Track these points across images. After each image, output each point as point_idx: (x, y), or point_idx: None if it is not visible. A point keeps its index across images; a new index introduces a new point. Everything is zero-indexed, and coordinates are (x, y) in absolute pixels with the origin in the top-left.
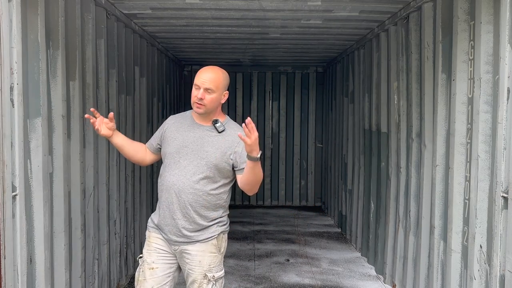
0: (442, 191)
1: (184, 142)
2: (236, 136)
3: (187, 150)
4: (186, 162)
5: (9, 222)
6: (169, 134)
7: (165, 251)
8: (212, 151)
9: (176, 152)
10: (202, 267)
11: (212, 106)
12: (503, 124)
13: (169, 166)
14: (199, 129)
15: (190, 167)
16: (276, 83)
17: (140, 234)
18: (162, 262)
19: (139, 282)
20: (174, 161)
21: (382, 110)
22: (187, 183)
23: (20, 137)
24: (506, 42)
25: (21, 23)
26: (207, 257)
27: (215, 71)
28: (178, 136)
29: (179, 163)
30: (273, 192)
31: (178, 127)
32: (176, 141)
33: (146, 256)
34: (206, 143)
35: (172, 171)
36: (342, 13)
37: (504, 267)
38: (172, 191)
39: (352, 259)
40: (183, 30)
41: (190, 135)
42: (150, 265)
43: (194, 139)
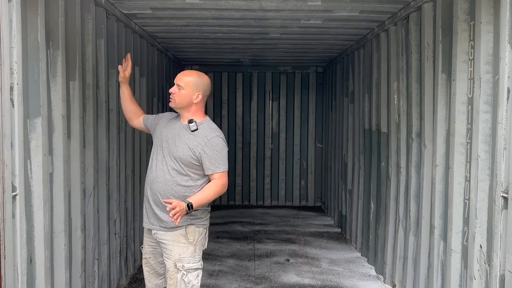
0: (442, 191)
1: (165, 137)
2: (204, 137)
3: (164, 144)
4: (162, 156)
5: (9, 222)
6: (159, 128)
7: (151, 241)
8: (182, 147)
9: (158, 145)
10: (173, 256)
11: (181, 101)
12: (503, 124)
13: (152, 158)
14: (178, 127)
15: (164, 159)
16: (276, 83)
17: (140, 234)
18: (152, 253)
19: (144, 267)
20: (156, 153)
21: (382, 110)
22: (159, 174)
23: (20, 137)
24: (506, 42)
25: (21, 23)
26: (177, 247)
27: (190, 73)
28: (163, 131)
29: (158, 156)
30: (273, 192)
31: (165, 123)
32: (161, 135)
33: (144, 243)
34: (179, 140)
35: (151, 163)
36: (342, 13)
37: (504, 267)
38: (148, 182)
39: (352, 259)
40: (183, 30)
41: (170, 131)
42: (144, 256)
43: (172, 135)
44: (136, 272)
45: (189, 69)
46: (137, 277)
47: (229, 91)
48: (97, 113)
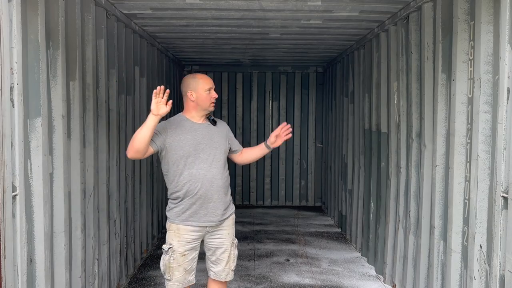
0: (442, 191)
1: (196, 140)
2: (223, 125)
3: (202, 146)
4: (206, 155)
5: (9, 222)
6: (177, 137)
7: (195, 239)
8: (220, 141)
9: (193, 150)
10: (230, 237)
11: None
12: (503, 124)
13: (192, 162)
14: (201, 126)
15: (210, 158)
16: (276, 83)
17: (140, 234)
18: (191, 250)
19: (172, 268)
20: (194, 157)
21: (382, 110)
22: (215, 171)
23: (20, 137)
24: (506, 42)
25: (21, 23)
26: (231, 229)
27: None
28: (188, 137)
29: (200, 158)
30: (273, 192)
31: (182, 130)
32: (188, 141)
33: (178, 247)
34: (214, 136)
35: (197, 165)
36: (342, 13)
37: (504, 267)
38: (205, 181)
39: (352, 259)
40: (183, 30)
41: (198, 133)
42: (182, 253)
43: (202, 135)
44: (136, 272)
45: (189, 69)
46: (137, 277)
47: (229, 91)
48: (97, 113)
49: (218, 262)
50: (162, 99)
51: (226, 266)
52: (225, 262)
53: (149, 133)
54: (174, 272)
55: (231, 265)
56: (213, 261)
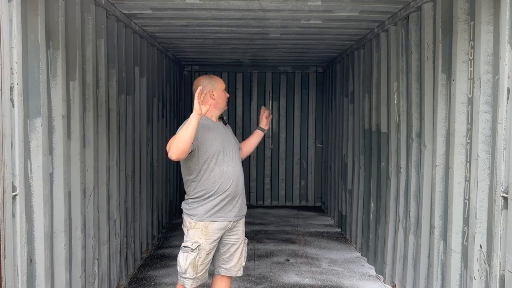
0: (442, 191)
1: (222, 138)
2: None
3: (226, 144)
4: (231, 153)
5: (9, 222)
6: (207, 135)
7: (219, 237)
8: (235, 139)
9: (222, 148)
10: (243, 234)
11: None
12: (503, 124)
13: (222, 160)
14: (219, 126)
15: (234, 156)
16: (276, 83)
17: (140, 234)
18: (214, 248)
19: (198, 266)
20: (223, 155)
21: (382, 110)
22: (240, 168)
23: (20, 137)
24: (506, 42)
25: (21, 23)
26: (244, 226)
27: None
28: (215, 136)
29: (228, 155)
30: (273, 192)
31: (208, 129)
32: (217, 139)
33: (205, 245)
34: (230, 135)
35: (226, 162)
36: (342, 13)
37: (504, 267)
38: (234, 178)
39: (352, 259)
40: (183, 30)
41: (221, 131)
42: (208, 251)
43: (223, 135)
44: (136, 272)
45: (189, 69)
46: (137, 277)
47: (229, 91)
48: (97, 113)
49: (231, 259)
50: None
51: (238, 262)
52: (237, 258)
53: (194, 132)
54: (198, 269)
55: (242, 261)
56: (225, 258)
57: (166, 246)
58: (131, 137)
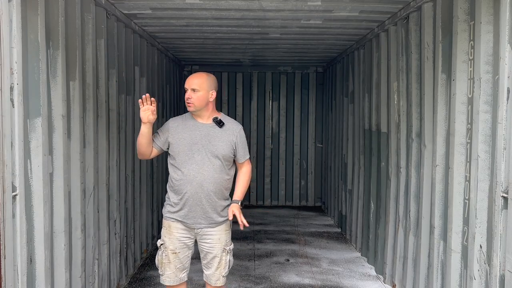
0: (442, 191)
1: (193, 139)
2: (234, 128)
3: (198, 147)
4: (200, 157)
5: (9, 222)
6: (176, 135)
7: (186, 237)
8: (221, 144)
9: (188, 150)
10: (222, 243)
11: (199, 103)
12: (503, 124)
13: (185, 161)
14: (203, 127)
15: (205, 160)
16: (276, 83)
17: (140, 234)
18: (182, 248)
19: (164, 264)
20: (188, 157)
21: (382, 110)
22: (207, 175)
23: (20, 137)
24: (506, 42)
25: (21, 23)
26: (224, 235)
27: (198, 74)
28: (185, 136)
29: (194, 158)
30: (273, 192)
31: (182, 128)
32: (185, 140)
33: (169, 244)
34: (213, 138)
35: (189, 166)
36: (342, 13)
37: (504, 267)
38: (195, 183)
39: (352, 259)
40: (183, 30)
41: (197, 133)
42: (173, 251)
43: (202, 136)
44: (136, 272)
45: (189, 69)
46: (137, 277)
47: (229, 91)
48: (97, 113)
49: (209, 266)
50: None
51: (216, 271)
52: (215, 267)
53: (143, 139)
54: (165, 268)
55: (222, 271)
56: (204, 264)
57: None
58: (131, 137)
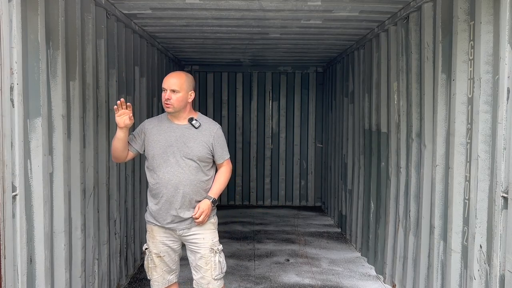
0: (442, 191)
1: (168, 142)
2: (211, 128)
3: (172, 149)
4: (175, 159)
5: (9, 222)
6: (151, 137)
7: (170, 241)
8: (195, 146)
9: (163, 152)
10: (207, 243)
11: (179, 104)
12: (503, 124)
13: (160, 165)
14: (178, 128)
15: (180, 162)
16: (276, 83)
17: (140, 234)
18: (167, 251)
19: (150, 268)
20: (163, 160)
21: (382, 110)
22: (182, 177)
23: (20, 137)
24: (506, 42)
25: (21, 23)
26: (209, 234)
27: (178, 74)
28: (160, 138)
29: (169, 161)
30: (273, 192)
31: (158, 130)
32: (160, 142)
33: (152, 248)
34: (188, 140)
35: (164, 168)
36: (342, 13)
37: (504, 267)
38: (169, 186)
39: (352, 259)
40: (183, 30)
41: (172, 135)
42: (157, 254)
43: (176, 138)
44: (136, 272)
45: (189, 69)
46: (137, 277)
47: (229, 91)
48: (97, 113)
49: (197, 269)
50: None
51: (205, 274)
52: (204, 269)
53: (118, 143)
54: (152, 272)
55: (212, 273)
56: (193, 268)
57: None
58: None
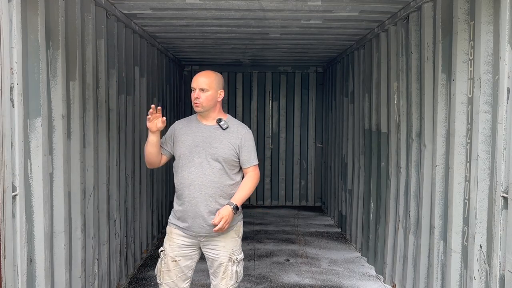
0: (442, 191)
1: (194, 142)
2: (239, 131)
3: (198, 149)
4: (200, 160)
5: (9, 222)
6: (179, 137)
7: (187, 245)
8: (221, 147)
9: (189, 152)
10: (227, 251)
11: (208, 103)
12: (503, 124)
13: (185, 165)
14: (206, 128)
15: (204, 163)
16: (276, 83)
17: (140, 234)
18: (183, 256)
19: (163, 272)
20: (188, 160)
21: (382, 110)
22: (205, 178)
23: (20, 137)
24: (506, 42)
25: (21, 23)
26: (230, 242)
27: (207, 73)
28: (187, 138)
29: (193, 161)
30: (273, 192)
31: (186, 130)
32: (187, 142)
33: (169, 251)
34: (214, 140)
35: (189, 169)
36: (342, 13)
37: (504, 267)
38: (192, 187)
39: (352, 259)
40: (183, 30)
41: (199, 135)
42: (173, 258)
43: (203, 138)
44: (136, 272)
45: (189, 69)
46: (137, 277)
47: (229, 91)
48: (97, 113)
49: (215, 275)
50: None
51: (221, 282)
52: (220, 277)
53: (152, 148)
54: (164, 276)
55: (228, 282)
56: (211, 273)
57: None
58: (131, 137)
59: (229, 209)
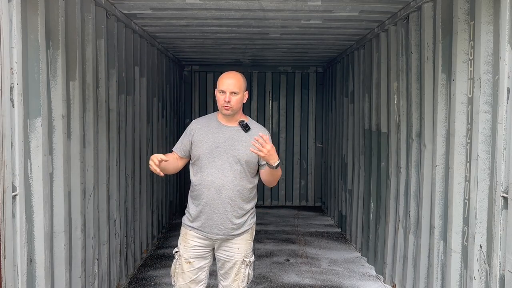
0: (442, 191)
1: (216, 143)
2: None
3: (219, 150)
4: (221, 161)
5: (9, 222)
6: (199, 137)
7: (202, 247)
8: (243, 149)
9: (209, 153)
10: (241, 254)
11: (237, 106)
12: (503, 124)
13: (205, 166)
14: (227, 130)
15: (225, 165)
16: (276, 83)
17: (140, 234)
18: (198, 257)
19: (177, 274)
20: (208, 161)
21: (382, 110)
22: (226, 180)
23: (20, 137)
24: (506, 42)
25: (21, 23)
26: (244, 244)
27: (235, 76)
28: (208, 139)
29: (214, 163)
30: (273, 192)
31: (206, 130)
32: (207, 143)
33: (183, 252)
34: (237, 142)
35: (209, 170)
36: (342, 13)
37: (504, 267)
38: (212, 189)
39: (352, 259)
40: (183, 30)
41: (220, 136)
42: (187, 260)
43: (225, 140)
44: (136, 272)
45: (189, 69)
46: (137, 277)
47: None
48: (97, 113)
49: (226, 277)
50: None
51: (233, 284)
52: (232, 279)
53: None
54: (178, 278)
55: (239, 284)
56: (222, 274)
57: (166, 246)
58: (131, 137)
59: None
